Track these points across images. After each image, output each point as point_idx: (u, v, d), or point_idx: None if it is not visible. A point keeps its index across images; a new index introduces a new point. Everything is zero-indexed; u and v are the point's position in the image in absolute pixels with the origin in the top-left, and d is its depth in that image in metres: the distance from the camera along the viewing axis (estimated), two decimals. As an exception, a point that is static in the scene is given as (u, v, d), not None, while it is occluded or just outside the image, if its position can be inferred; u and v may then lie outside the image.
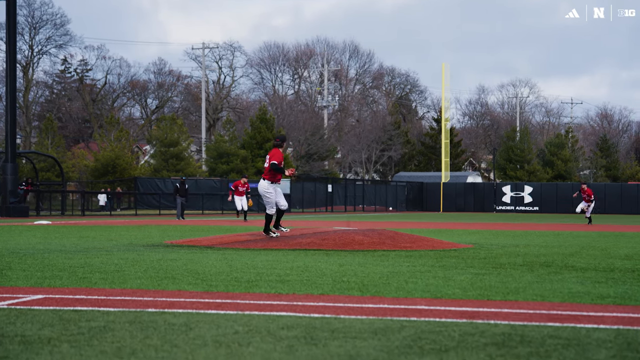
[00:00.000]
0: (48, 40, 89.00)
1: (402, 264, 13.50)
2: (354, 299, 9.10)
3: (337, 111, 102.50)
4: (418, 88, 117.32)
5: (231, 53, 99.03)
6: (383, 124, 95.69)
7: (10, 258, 13.85)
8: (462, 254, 16.09)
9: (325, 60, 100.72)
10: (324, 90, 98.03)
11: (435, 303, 8.81)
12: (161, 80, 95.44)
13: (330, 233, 18.40)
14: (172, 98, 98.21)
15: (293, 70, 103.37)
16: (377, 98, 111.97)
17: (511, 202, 76.28)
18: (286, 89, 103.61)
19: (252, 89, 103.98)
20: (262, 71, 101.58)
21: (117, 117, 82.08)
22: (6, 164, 43.27)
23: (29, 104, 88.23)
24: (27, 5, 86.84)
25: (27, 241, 19.06)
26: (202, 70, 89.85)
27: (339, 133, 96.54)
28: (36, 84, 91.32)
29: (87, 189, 66.05)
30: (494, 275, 11.74)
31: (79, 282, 10.34)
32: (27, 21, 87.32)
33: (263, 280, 10.79)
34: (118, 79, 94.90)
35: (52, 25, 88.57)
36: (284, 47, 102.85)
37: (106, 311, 7.87)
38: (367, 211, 70.62)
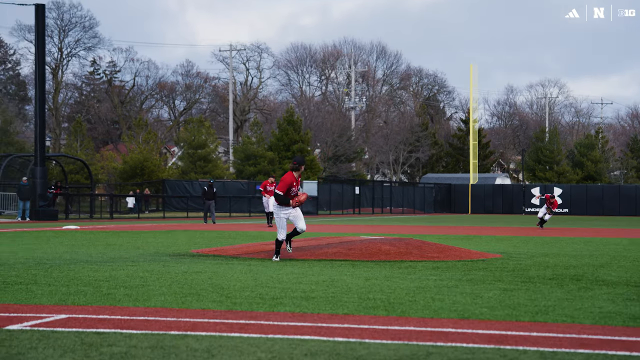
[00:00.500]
0: (77, 43, 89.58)
1: (429, 278, 13.34)
2: (379, 319, 8.96)
3: (365, 112, 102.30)
4: (446, 89, 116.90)
5: (258, 54, 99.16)
6: (410, 125, 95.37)
7: (37, 270, 13.83)
8: (490, 265, 15.90)
9: (353, 61, 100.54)
10: (351, 91, 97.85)
11: (462, 325, 8.66)
12: (189, 82, 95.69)
13: (356, 242, 18.26)
14: (200, 100, 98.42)
15: (320, 71, 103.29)
16: (405, 99, 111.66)
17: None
18: (313, 90, 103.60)
19: (279, 90, 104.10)
20: (290, 72, 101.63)
21: (145, 119, 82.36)
22: (35, 167, 43.47)
23: (59, 106, 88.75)
24: (56, 8, 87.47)
25: (54, 250, 19.06)
26: (229, 71, 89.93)
27: (367, 134, 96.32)
28: (65, 86, 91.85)
29: (116, 192, 66.30)
30: (522, 291, 11.56)
31: (103, 299, 10.28)
32: (57, 24, 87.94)
33: (288, 297, 10.68)
34: (146, 80, 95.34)
35: (81, 27, 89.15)
36: (311, 48, 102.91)
37: (128, 334, 7.79)
38: (395, 213, 70.38)
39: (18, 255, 17.04)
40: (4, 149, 62.90)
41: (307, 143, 75.65)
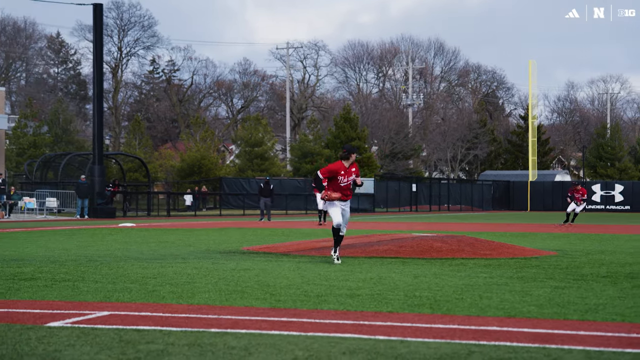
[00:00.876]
0: (136, 42, 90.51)
1: (479, 275, 13.13)
2: (424, 317, 8.81)
3: (422, 109, 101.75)
4: (505, 85, 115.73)
5: (316, 52, 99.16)
6: (469, 122, 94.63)
7: (86, 267, 13.91)
8: (544, 262, 15.63)
9: (410, 58, 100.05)
10: (408, 88, 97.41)
11: (508, 323, 8.47)
12: (246, 80, 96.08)
13: (408, 240, 18.09)
14: (257, 98, 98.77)
15: (377, 68, 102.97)
16: (463, 96, 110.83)
17: (601, 201, 74.63)
18: (370, 87, 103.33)
19: (336, 87, 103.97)
20: (347, 70, 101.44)
21: (203, 117, 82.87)
22: (94, 166, 43.93)
23: (118, 104, 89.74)
24: (115, 8, 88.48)
25: (107, 247, 19.20)
26: (286, 69, 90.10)
27: (424, 132, 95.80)
28: (125, 85, 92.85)
29: (174, 189, 66.80)
30: (574, 289, 11.31)
31: (147, 296, 10.27)
32: (116, 23, 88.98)
33: (333, 294, 10.58)
34: (204, 79, 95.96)
35: (140, 27, 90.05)
36: (368, 45, 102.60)
37: (168, 331, 7.75)
38: (452, 210, 69.88)
39: (71, 253, 17.18)
40: (64, 148, 63.75)
41: (363, 140, 75.44)
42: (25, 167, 54.35)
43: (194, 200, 59.23)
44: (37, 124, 65.83)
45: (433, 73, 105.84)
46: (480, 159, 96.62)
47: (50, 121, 67.15)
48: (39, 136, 63.83)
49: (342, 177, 14.71)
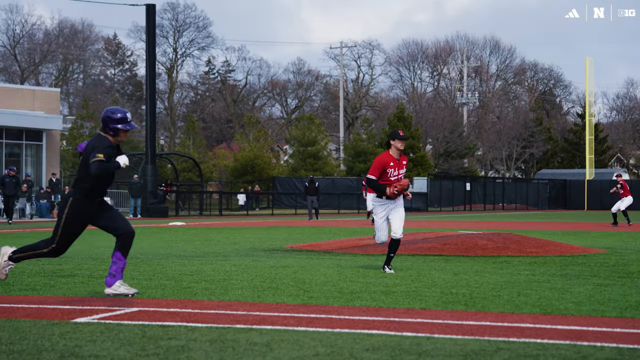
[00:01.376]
0: (191, 43, 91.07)
1: (522, 272, 12.88)
2: (456, 314, 8.63)
3: (478, 108, 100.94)
4: (562, 83, 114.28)
5: (370, 51, 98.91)
6: (524, 120, 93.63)
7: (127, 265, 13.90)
8: (591, 260, 15.30)
9: (465, 56, 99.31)
10: (463, 87, 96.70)
11: (542, 320, 8.25)
12: (300, 80, 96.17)
13: (452, 237, 17.86)
14: (312, 97, 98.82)
15: (432, 67, 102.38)
16: (519, 94, 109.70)
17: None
18: (425, 86, 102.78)
19: (391, 86, 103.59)
20: (401, 69, 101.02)
21: (257, 117, 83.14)
22: (146, 165, 44.26)
23: (174, 105, 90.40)
24: (171, 9, 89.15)
25: (152, 245, 19.25)
26: (340, 69, 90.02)
27: (479, 130, 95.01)
28: (180, 86, 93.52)
29: (227, 189, 67.09)
30: (617, 287, 11.02)
31: (180, 292, 10.22)
32: (172, 24, 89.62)
33: (368, 291, 10.43)
34: (258, 79, 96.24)
35: (195, 27, 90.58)
36: (422, 44, 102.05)
37: (193, 327, 7.67)
38: (507, 209, 69.17)
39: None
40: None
41: (417, 139, 75.06)
42: (80, 167, 54.94)
43: (247, 200, 59.41)
44: (93, 124, 66.58)
45: (489, 71, 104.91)
46: (537, 157, 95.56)
47: (106, 122, 67.84)
48: (95, 137, 64.56)
49: (392, 170, 12.49)
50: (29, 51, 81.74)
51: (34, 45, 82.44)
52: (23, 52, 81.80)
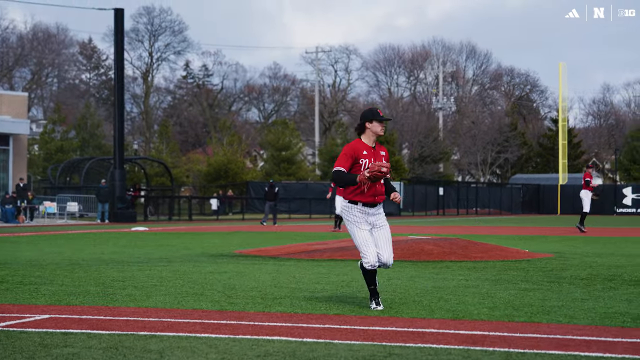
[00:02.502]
0: (167, 47, 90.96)
1: (456, 278, 12.97)
2: (367, 319, 8.70)
3: (454, 112, 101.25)
4: (538, 88, 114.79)
5: (347, 56, 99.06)
6: (499, 125, 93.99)
7: (63, 270, 13.93)
8: (532, 265, 15.40)
9: (441, 62, 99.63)
10: (438, 91, 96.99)
11: (449, 325, 8.32)
12: (276, 85, 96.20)
13: (401, 243, 17.91)
14: (288, 102, 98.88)
15: (409, 72, 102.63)
16: (496, 99, 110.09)
17: (632, 205, 73.67)
18: (402, 91, 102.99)
19: (368, 91, 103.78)
20: (378, 74, 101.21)
21: (230, 121, 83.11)
22: (114, 170, 44.16)
23: (149, 109, 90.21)
24: (146, 13, 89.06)
25: (101, 250, 19.23)
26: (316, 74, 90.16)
27: (455, 135, 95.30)
28: (156, 90, 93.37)
29: (200, 194, 66.99)
30: (541, 292, 11.11)
31: (102, 299, 10.24)
32: (147, 29, 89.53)
33: (292, 297, 10.49)
34: (234, 83, 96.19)
35: (171, 32, 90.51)
36: (399, 49, 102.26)
37: (96, 334, 7.69)
38: (481, 214, 69.38)
39: (60, 256, 17.22)
40: (92, 152, 64.25)
41: (392, 144, 75.21)
42: (48, 171, 54.82)
43: (220, 205, 59.35)
44: (65, 128, 66.38)
45: (465, 76, 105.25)
46: (511, 162, 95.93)
47: (78, 126, 67.70)
48: (66, 141, 64.37)
49: (367, 161, 9.21)
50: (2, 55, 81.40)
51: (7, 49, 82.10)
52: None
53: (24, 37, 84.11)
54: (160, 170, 63.94)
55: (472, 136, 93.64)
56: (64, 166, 52.84)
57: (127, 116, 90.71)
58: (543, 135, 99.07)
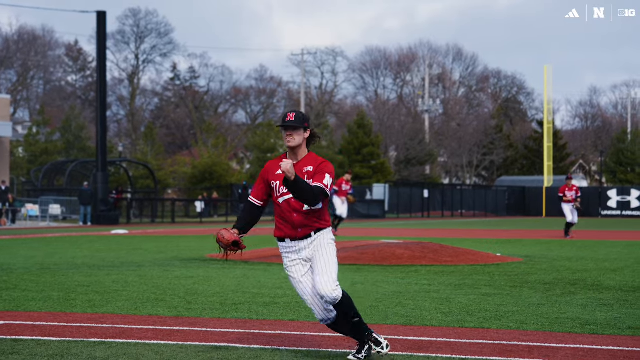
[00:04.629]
0: (153, 49, 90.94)
1: (420, 282, 13.07)
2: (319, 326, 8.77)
3: (441, 115, 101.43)
4: (525, 90, 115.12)
5: (333, 58, 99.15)
6: (485, 127, 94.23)
7: (31, 275, 13.97)
8: (499, 269, 15.50)
9: (428, 64, 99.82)
10: (425, 94, 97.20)
11: (399, 331, 8.43)
12: (262, 87, 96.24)
13: (372, 247, 18.03)
14: (275, 104, 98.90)
15: (395, 74, 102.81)
16: (483, 101, 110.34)
17: (617, 207, 73.94)
18: (388, 93, 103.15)
19: (354, 93, 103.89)
20: (364, 76, 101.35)
21: (216, 124, 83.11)
22: (97, 172, 44.12)
23: (135, 111, 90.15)
24: (132, 15, 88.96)
25: (73, 255, 19.23)
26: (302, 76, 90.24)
27: (443, 137, 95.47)
28: (142, 92, 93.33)
29: (186, 196, 66.96)
30: (500, 297, 11.22)
31: (61, 305, 10.31)
32: (133, 31, 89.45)
33: (252, 302, 10.62)
34: (221, 85, 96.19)
35: (157, 34, 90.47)
36: (385, 51, 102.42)
37: (44, 341, 7.77)
38: (466, 216, 69.54)
39: (32, 261, 17.23)
40: (77, 155, 64.13)
41: (377, 146, 75.36)
42: (32, 174, 54.72)
43: (204, 207, 59.32)
44: (49, 130, 66.27)
45: (452, 79, 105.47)
46: (497, 164, 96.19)
47: (63, 128, 67.62)
48: (51, 143, 64.29)
49: (278, 186, 7.10)
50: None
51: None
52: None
53: (10, 38, 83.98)
54: (145, 172, 63.88)
55: (459, 138, 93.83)
56: (47, 168, 52.76)
57: (113, 118, 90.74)
58: (529, 138, 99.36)
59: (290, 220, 7.03)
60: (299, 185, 6.69)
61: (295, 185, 6.67)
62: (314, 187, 6.81)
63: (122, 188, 50.86)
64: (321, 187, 6.85)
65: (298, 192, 6.73)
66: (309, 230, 7.03)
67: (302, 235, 7.04)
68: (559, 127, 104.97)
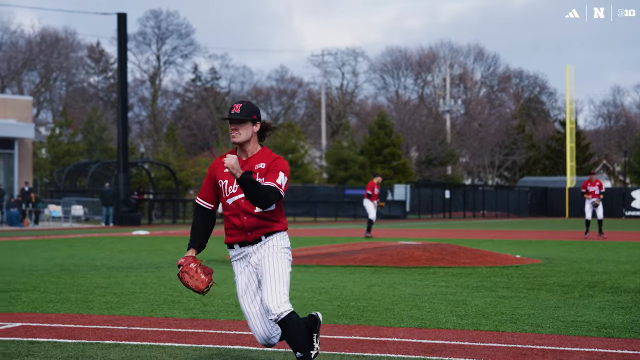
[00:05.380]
0: (174, 50, 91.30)
1: (438, 284, 13.05)
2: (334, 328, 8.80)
3: (463, 115, 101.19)
4: (547, 90, 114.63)
5: (354, 58, 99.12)
6: (507, 127, 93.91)
7: (50, 277, 14.07)
8: (518, 271, 15.45)
9: (448, 64, 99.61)
10: (445, 94, 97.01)
11: (413, 334, 8.43)
12: (283, 88, 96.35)
13: (390, 248, 18.03)
14: (296, 105, 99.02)
15: (416, 74, 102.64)
16: (504, 101, 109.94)
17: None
18: (409, 93, 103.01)
19: (375, 94, 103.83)
20: (385, 76, 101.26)
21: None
22: (119, 173, 44.34)
23: (157, 112, 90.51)
24: (154, 16, 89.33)
25: (94, 256, 19.34)
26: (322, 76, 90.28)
27: (464, 137, 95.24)
28: (164, 93, 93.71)
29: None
30: (516, 299, 11.18)
31: (79, 307, 10.37)
32: (154, 32, 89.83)
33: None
34: (241, 86, 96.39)
35: (178, 35, 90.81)
36: (406, 51, 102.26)
37: (62, 343, 7.83)
38: (488, 217, 69.32)
39: (52, 262, 17.34)
40: (98, 156, 64.45)
41: (398, 147, 75.28)
42: (54, 175, 55.04)
43: (226, 208, 59.33)
44: (72, 132, 66.64)
45: (473, 79, 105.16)
46: (519, 165, 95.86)
47: (85, 129, 67.98)
48: (73, 144, 64.67)
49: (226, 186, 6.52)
50: (10, 58, 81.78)
51: (15, 52, 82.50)
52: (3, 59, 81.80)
53: (32, 40, 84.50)
54: (166, 173, 64.12)
55: (480, 139, 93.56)
56: (70, 169, 53.07)
57: (135, 119, 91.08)
58: (551, 138, 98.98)
59: (240, 223, 6.45)
60: (248, 184, 6.01)
61: (244, 184, 6.02)
62: (265, 187, 6.14)
63: (143, 189, 51.04)
64: (274, 186, 6.17)
65: (248, 192, 6.07)
66: (260, 233, 6.43)
67: (251, 240, 6.46)
68: (582, 127, 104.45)
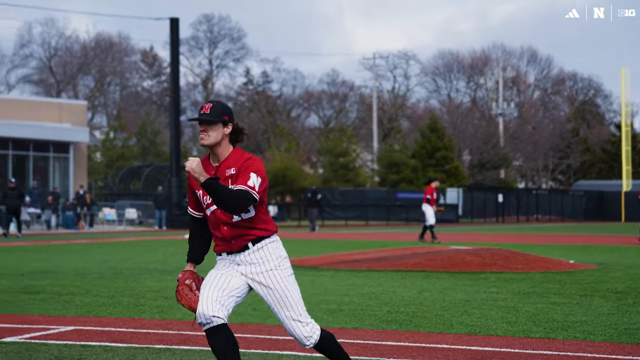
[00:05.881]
0: (226, 54, 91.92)
1: (489, 290, 12.95)
2: (382, 334, 8.77)
3: (516, 118, 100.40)
4: (602, 92, 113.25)
5: (405, 62, 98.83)
6: (561, 130, 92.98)
7: (104, 280, 14.22)
8: (571, 277, 15.27)
9: (501, 67, 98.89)
10: (498, 97, 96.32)
11: (463, 341, 8.38)
12: (334, 91, 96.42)
13: (441, 253, 17.95)
14: (348, 108, 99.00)
15: (468, 77, 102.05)
16: (559, 104, 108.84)
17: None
18: (461, 96, 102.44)
19: (427, 97, 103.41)
20: (437, 79, 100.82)
21: (288, 128, 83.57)
22: (171, 177, 44.73)
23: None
24: (206, 21, 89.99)
25: (146, 259, 19.51)
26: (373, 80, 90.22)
27: (517, 140, 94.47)
28: (216, 97, 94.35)
29: (259, 200, 67.26)
30: (569, 306, 11.06)
31: (131, 310, 10.47)
32: (206, 36, 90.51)
33: (318, 309, 10.58)
34: (293, 90, 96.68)
35: (230, 39, 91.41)
36: (458, 54, 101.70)
37: (113, 347, 7.92)
38: (541, 221, 68.70)
39: (105, 265, 17.54)
40: (152, 160, 65.09)
41: (450, 150, 74.89)
42: (109, 178, 55.69)
43: (278, 211, 59.67)
44: (126, 135, 67.38)
45: (526, 81, 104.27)
46: (574, 168, 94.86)
47: (138, 133, 68.70)
48: (127, 148, 65.39)
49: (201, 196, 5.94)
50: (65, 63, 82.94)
51: (71, 57, 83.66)
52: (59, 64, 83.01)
53: (87, 45, 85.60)
54: (219, 177, 64.61)
55: (534, 142, 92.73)
56: (124, 173, 53.69)
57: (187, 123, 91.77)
58: (607, 141, 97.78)
59: (221, 235, 5.95)
60: (214, 189, 5.50)
61: (210, 189, 5.51)
62: (235, 191, 5.56)
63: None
64: (244, 189, 5.58)
65: (215, 197, 5.55)
66: (244, 241, 5.92)
67: (237, 249, 5.98)
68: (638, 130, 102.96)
